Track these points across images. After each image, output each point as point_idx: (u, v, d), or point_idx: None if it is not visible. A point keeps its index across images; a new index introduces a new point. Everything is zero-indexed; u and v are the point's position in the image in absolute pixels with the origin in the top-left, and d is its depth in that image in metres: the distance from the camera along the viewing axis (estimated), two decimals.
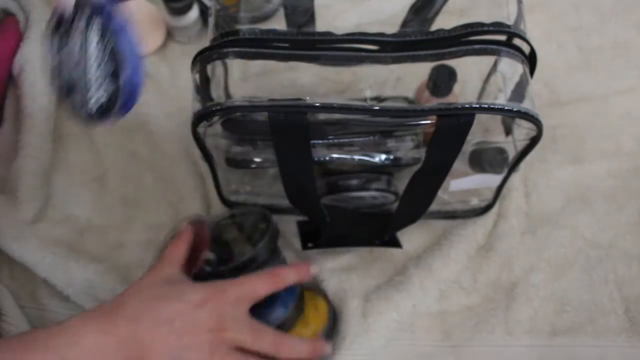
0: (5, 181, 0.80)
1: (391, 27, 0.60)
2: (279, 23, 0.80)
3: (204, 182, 0.83)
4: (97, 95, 0.49)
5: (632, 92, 0.89)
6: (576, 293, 0.76)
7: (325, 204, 0.73)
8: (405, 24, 0.64)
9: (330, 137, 0.65)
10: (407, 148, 0.66)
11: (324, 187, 0.73)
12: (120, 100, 0.49)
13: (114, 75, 0.48)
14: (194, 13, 0.89)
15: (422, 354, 0.73)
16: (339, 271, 0.77)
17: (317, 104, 0.54)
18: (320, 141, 0.64)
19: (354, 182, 0.72)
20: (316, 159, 0.66)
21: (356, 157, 0.67)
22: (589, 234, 0.80)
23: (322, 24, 0.63)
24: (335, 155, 0.67)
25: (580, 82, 0.90)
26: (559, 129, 0.86)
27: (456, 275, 0.77)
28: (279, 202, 0.78)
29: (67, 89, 0.50)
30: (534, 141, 0.62)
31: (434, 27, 0.62)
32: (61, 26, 0.49)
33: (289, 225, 0.79)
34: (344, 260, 0.78)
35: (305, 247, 0.77)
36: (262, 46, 0.57)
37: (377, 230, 0.76)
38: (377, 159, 0.67)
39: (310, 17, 0.63)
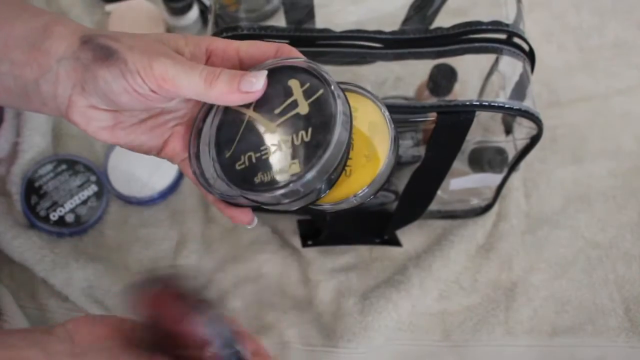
0: (5, 181, 0.80)
1: (390, 25, 0.60)
2: (278, 22, 0.80)
3: None
4: None
5: (632, 92, 0.89)
6: (576, 293, 0.76)
7: None
8: (404, 22, 0.64)
9: None
10: (407, 146, 0.66)
11: None
12: None
13: None
14: (193, 13, 0.89)
15: (421, 354, 0.73)
16: (339, 270, 0.77)
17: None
18: None
19: None
20: None
21: None
22: (589, 234, 0.80)
23: (321, 22, 0.63)
24: None
25: (580, 82, 0.90)
26: (559, 129, 0.86)
27: (456, 275, 0.77)
28: None
29: None
30: (534, 140, 0.62)
31: (433, 25, 0.62)
32: None
33: (289, 224, 0.79)
34: (344, 260, 0.78)
35: (305, 244, 0.77)
36: None
37: (377, 228, 0.76)
38: None
39: (310, 14, 0.63)
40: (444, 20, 0.61)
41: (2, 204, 0.79)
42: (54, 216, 0.78)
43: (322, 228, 0.74)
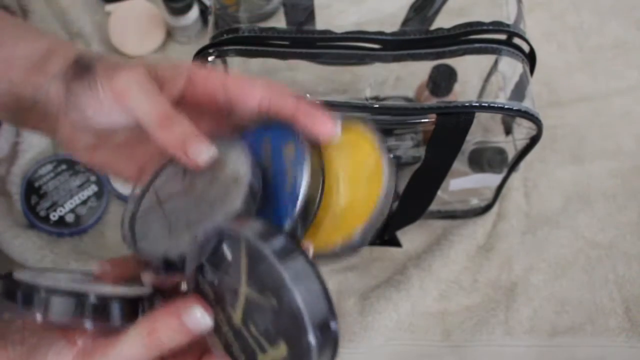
0: (5, 181, 0.80)
1: (391, 26, 0.60)
2: (278, 22, 0.80)
3: None
4: None
5: (632, 92, 0.89)
6: (576, 293, 0.76)
7: None
8: (405, 22, 0.64)
9: None
10: (407, 147, 0.66)
11: None
12: None
13: None
14: (194, 13, 0.89)
15: (421, 354, 0.73)
16: (339, 270, 0.77)
17: (317, 102, 0.54)
18: None
19: None
20: None
21: None
22: (589, 234, 0.80)
23: (321, 23, 0.63)
24: None
25: (580, 82, 0.90)
26: (559, 129, 0.86)
27: (456, 275, 0.77)
28: None
29: None
30: (533, 141, 0.62)
31: (433, 26, 0.62)
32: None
33: None
34: (344, 260, 0.78)
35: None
36: (262, 44, 0.57)
37: (377, 229, 0.76)
38: None
39: (310, 16, 0.63)
40: (444, 20, 0.61)
41: (2, 204, 0.79)
42: (54, 216, 0.78)
43: None
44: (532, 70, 0.61)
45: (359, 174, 0.41)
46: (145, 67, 0.41)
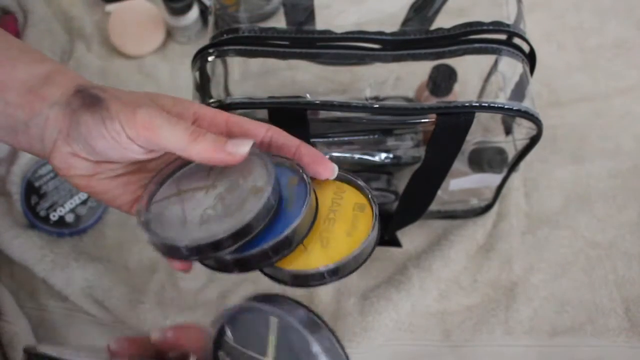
0: (5, 181, 0.80)
1: (391, 26, 0.60)
2: (278, 22, 0.80)
3: None
4: None
5: (632, 92, 0.89)
6: (576, 293, 0.76)
7: None
8: (405, 22, 0.64)
9: (330, 136, 0.65)
10: (407, 147, 0.66)
11: None
12: None
13: None
14: (193, 13, 0.89)
15: (421, 354, 0.73)
16: None
17: (317, 101, 0.54)
18: (320, 139, 0.64)
19: None
20: None
21: (356, 155, 0.67)
22: (589, 234, 0.80)
23: (321, 23, 0.63)
24: (335, 154, 0.66)
25: (580, 82, 0.90)
26: (559, 129, 0.86)
27: (456, 275, 0.77)
28: None
29: None
30: (533, 141, 0.62)
31: (433, 26, 0.62)
32: None
33: None
34: None
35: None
36: (262, 44, 0.57)
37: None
38: (377, 158, 0.67)
39: (310, 16, 0.63)
40: (445, 20, 0.61)
41: (2, 204, 0.79)
42: (54, 216, 0.78)
43: None
44: (532, 70, 0.61)
45: (357, 212, 0.46)
46: (157, 102, 0.43)
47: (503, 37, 0.59)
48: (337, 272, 0.42)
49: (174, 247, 0.41)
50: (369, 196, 0.46)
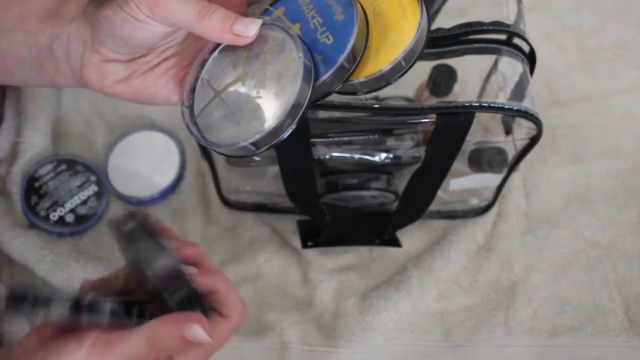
0: (5, 181, 0.80)
1: None
2: None
3: (204, 180, 0.83)
4: None
5: (632, 92, 0.89)
6: (576, 293, 0.76)
7: (325, 202, 0.72)
8: None
9: (330, 136, 0.65)
10: (407, 147, 0.66)
11: (324, 186, 0.73)
12: None
13: None
14: None
15: (421, 354, 0.73)
16: (339, 270, 0.77)
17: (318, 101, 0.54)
18: (320, 139, 0.64)
19: (354, 181, 0.72)
20: (316, 157, 0.66)
21: (356, 155, 0.67)
22: (589, 234, 0.80)
23: None
24: (335, 154, 0.67)
25: (580, 82, 0.90)
26: (559, 129, 0.86)
27: (456, 275, 0.77)
28: (279, 201, 0.78)
29: None
30: (533, 141, 0.62)
31: (433, 26, 0.62)
32: None
33: (289, 224, 0.79)
34: (344, 260, 0.78)
35: (305, 245, 0.77)
36: None
37: (377, 229, 0.76)
38: (377, 158, 0.67)
39: None
40: (445, 20, 0.61)
41: (2, 204, 0.79)
42: (54, 216, 0.78)
43: (322, 229, 0.74)
44: (532, 71, 0.61)
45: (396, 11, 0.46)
46: None
47: (503, 37, 0.59)
48: (410, 59, 0.46)
49: (242, 147, 0.41)
50: None
